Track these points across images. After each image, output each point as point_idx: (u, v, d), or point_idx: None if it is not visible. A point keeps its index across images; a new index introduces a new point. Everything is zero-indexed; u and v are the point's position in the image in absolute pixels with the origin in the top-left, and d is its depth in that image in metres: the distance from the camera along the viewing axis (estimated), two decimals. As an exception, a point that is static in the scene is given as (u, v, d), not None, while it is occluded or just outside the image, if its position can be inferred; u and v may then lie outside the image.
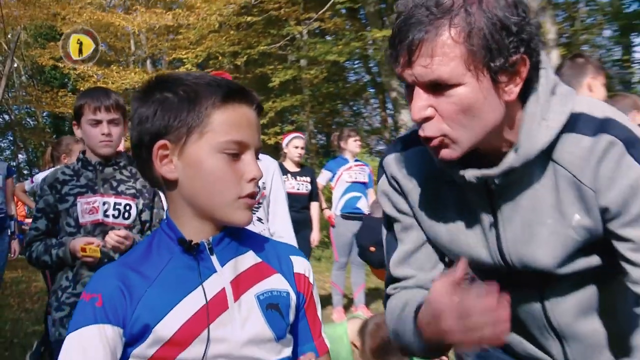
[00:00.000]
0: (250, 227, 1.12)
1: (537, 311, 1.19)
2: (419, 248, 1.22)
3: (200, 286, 0.99)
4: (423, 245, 1.22)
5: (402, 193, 1.21)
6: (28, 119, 17.68)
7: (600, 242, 1.04)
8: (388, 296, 1.21)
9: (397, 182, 1.21)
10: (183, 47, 13.00)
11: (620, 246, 1.01)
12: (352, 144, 5.87)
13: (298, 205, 5.19)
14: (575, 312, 1.16)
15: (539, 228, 1.08)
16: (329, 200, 6.41)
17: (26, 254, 2.43)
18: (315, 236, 5.51)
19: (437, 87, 0.94)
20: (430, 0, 0.92)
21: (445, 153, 1.00)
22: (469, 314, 0.85)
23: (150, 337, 0.97)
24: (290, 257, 1.12)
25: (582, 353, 1.20)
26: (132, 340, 0.98)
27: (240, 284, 1.03)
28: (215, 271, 1.02)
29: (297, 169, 5.20)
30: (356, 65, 16.56)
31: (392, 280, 1.23)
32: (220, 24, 12.22)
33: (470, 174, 1.02)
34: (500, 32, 0.92)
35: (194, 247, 1.01)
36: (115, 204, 2.38)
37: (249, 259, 1.06)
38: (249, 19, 12.15)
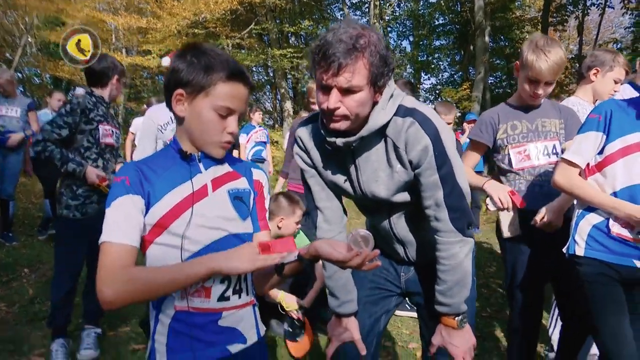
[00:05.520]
0: None
1: (387, 227, 1.51)
2: (321, 189, 1.53)
3: (190, 180, 1.18)
4: (323, 187, 1.53)
5: (306, 151, 1.50)
6: (35, 78, 18.40)
7: (411, 184, 1.37)
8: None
9: (303, 144, 1.50)
10: (150, 43, 14.07)
11: (422, 195, 1.35)
12: (257, 116, 7.27)
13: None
14: (407, 227, 1.48)
15: (380, 173, 1.38)
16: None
17: (39, 146, 2.44)
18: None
19: (347, 91, 1.21)
20: (350, 40, 1.17)
21: (337, 125, 1.28)
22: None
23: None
24: (252, 169, 1.34)
25: (415, 252, 1.54)
26: (145, 210, 1.14)
27: (217, 182, 1.22)
28: (201, 172, 1.21)
29: None
30: (260, 69, 20.02)
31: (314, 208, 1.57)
32: (178, 32, 13.81)
33: (339, 141, 1.33)
34: (383, 64, 1.22)
35: (189, 156, 1.19)
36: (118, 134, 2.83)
37: (225, 168, 1.26)
38: (196, 31, 14.31)
